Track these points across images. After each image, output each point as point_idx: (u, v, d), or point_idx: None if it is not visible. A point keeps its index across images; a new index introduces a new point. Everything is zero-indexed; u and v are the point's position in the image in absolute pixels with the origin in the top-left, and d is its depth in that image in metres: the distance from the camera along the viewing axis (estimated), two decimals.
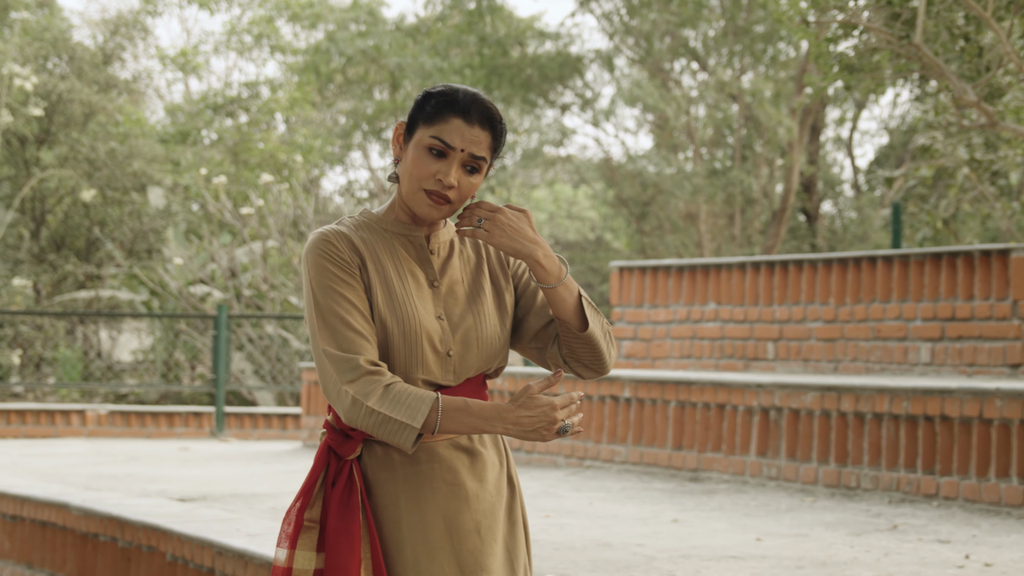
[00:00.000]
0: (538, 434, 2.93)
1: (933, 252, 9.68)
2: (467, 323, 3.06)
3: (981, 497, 7.52)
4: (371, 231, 3.08)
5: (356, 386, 2.91)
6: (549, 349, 3.15)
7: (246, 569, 5.83)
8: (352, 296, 2.98)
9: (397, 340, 2.99)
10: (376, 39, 26.92)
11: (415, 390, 2.93)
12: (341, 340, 2.95)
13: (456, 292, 3.09)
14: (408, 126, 3.06)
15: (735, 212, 26.05)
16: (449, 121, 2.99)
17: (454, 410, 2.93)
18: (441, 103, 3.01)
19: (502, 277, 3.17)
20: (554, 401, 2.92)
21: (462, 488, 3.02)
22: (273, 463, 10.85)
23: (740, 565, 5.93)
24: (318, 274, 2.99)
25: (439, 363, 3.02)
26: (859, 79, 10.28)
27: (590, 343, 3.09)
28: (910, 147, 25.90)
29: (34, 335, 18.42)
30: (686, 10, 24.80)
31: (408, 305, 3.02)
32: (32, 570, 8.11)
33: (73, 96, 22.14)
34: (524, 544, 3.14)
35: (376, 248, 3.05)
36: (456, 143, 2.99)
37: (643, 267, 11.67)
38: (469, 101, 3.01)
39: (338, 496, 2.98)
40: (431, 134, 2.99)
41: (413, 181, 3.02)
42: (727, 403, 8.94)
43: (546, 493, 8.47)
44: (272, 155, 26.24)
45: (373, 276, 3.02)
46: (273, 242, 18.68)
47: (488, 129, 3.02)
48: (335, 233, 3.04)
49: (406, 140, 3.06)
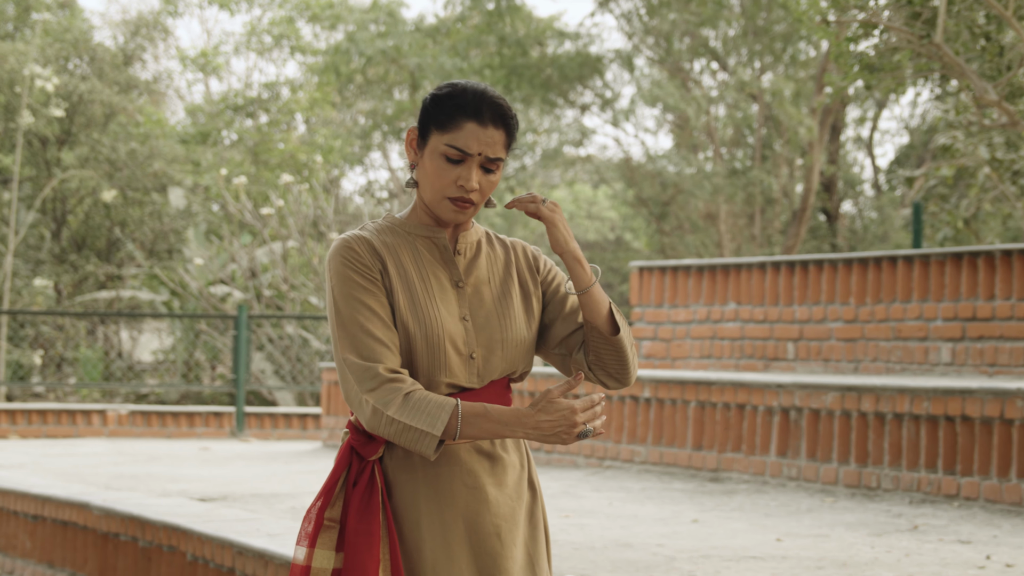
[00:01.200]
0: (558, 438, 2.93)
1: (954, 252, 9.65)
2: (492, 325, 3.06)
3: (1002, 497, 7.49)
4: (394, 234, 3.08)
5: (376, 395, 2.92)
6: (574, 356, 3.15)
7: (266, 569, 5.84)
8: (373, 303, 2.99)
9: (420, 344, 2.99)
10: (396, 39, 26.94)
11: (435, 397, 2.93)
12: (362, 348, 2.95)
13: (482, 293, 3.09)
14: (421, 131, 3.04)
15: (755, 212, 26.00)
16: (463, 127, 2.98)
17: (474, 416, 2.93)
18: (452, 108, 2.99)
19: (530, 280, 3.17)
20: (574, 405, 2.92)
21: (482, 491, 3.02)
22: (293, 463, 10.86)
23: (760, 565, 5.92)
24: (340, 282, 3.00)
25: (463, 365, 3.02)
26: (879, 78, 10.26)
27: (620, 349, 3.09)
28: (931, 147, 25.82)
29: (55, 335, 18.49)
30: (706, 10, 24.76)
31: (431, 308, 3.02)
32: (53, 569, 8.14)
33: (94, 97, 22.21)
34: (545, 548, 3.14)
35: (398, 251, 3.05)
36: (473, 148, 2.98)
37: (663, 267, 11.66)
38: (480, 102, 2.99)
39: (359, 496, 2.98)
40: (446, 142, 2.98)
41: (436, 191, 3.02)
42: (747, 403, 8.93)
43: (566, 493, 8.47)
44: (292, 155, 26.29)
45: (395, 280, 3.02)
46: (293, 242, 18.71)
47: (502, 127, 3.01)
48: (356, 239, 3.04)
49: (420, 146, 3.04)
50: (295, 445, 13.04)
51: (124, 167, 22.08)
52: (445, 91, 3.02)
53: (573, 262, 3.07)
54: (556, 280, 3.19)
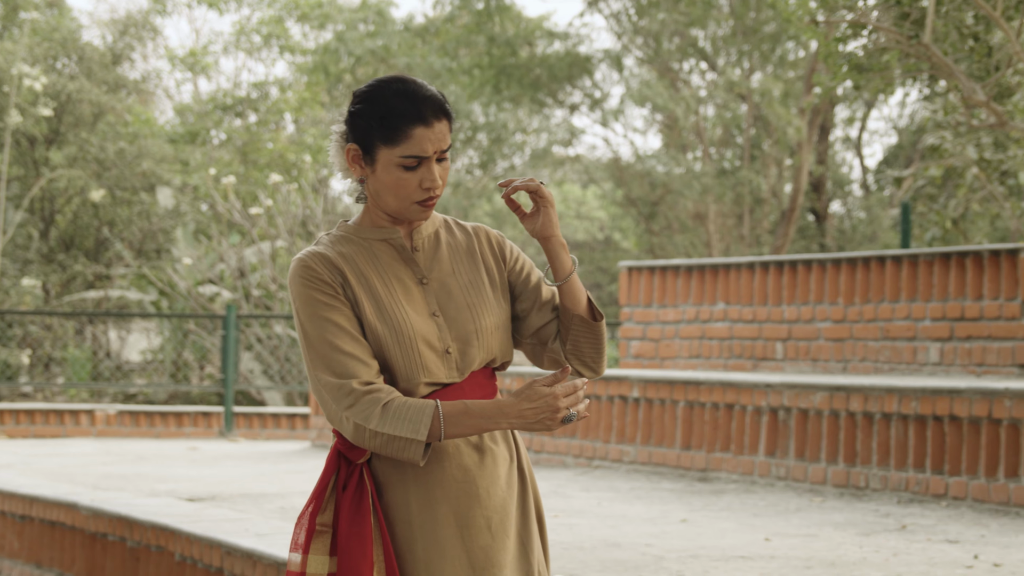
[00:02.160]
0: (543, 424, 2.93)
1: (942, 252, 9.67)
2: (463, 316, 3.05)
3: (990, 497, 7.50)
4: (350, 243, 3.07)
5: (354, 411, 2.92)
6: (550, 346, 3.15)
7: (255, 569, 5.84)
8: (339, 319, 2.98)
9: (393, 348, 2.99)
10: (385, 39, 26.94)
11: (413, 402, 2.93)
12: (334, 365, 2.95)
13: (448, 285, 3.08)
14: (364, 147, 3.01)
15: (744, 212, 26.02)
16: (412, 134, 2.96)
17: (455, 414, 2.93)
18: (396, 120, 2.96)
19: (495, 266, 3.16)
20: (555, 391, 2.92)
21: (473, 485, 3.03)
22: (282, 463, 10.85)
23: (749, 565, 5.92)
24: (303, 303, 3.00)
25: (439, 362, 3.02)
26: (868, 79, 10.27)
27: (599, 336, 3.12)
28: (919, 147, 25.87)
29: (43, 335, 18.46)
30: (695, 10, 24.78)
31: (398, 311, 3.01)
32: (41, 570, 8.13)
33: (82, 96, 22.17)
34: (538, 536, 3.14)
35: (356, 260, 3.04)
36: (428, 150, 2.98)
37: (652, 267, 11.67)
38: (419, 104, 2.97)
39: (349, 500, 2.98)
40: (400, 154, 2.97)
41: (402, 200, 3.01)
42: (736, 403, 8.94)
43: (555, 493, 8.47)
44: (281, 155, 26.27)
45: (357, 290, 3.01)
46: (282, 242, 18.69)
47: (444, 117, 3.00)
48: (312, 256, 3.03)
49: (367, 162, 3.02)
50: (284, 445, 13.03)
51: (112, 167, 22.05)
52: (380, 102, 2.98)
53: (559, 247, 3.08)
54: (525, 269, 3.18)
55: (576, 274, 3.10)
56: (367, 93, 3.00)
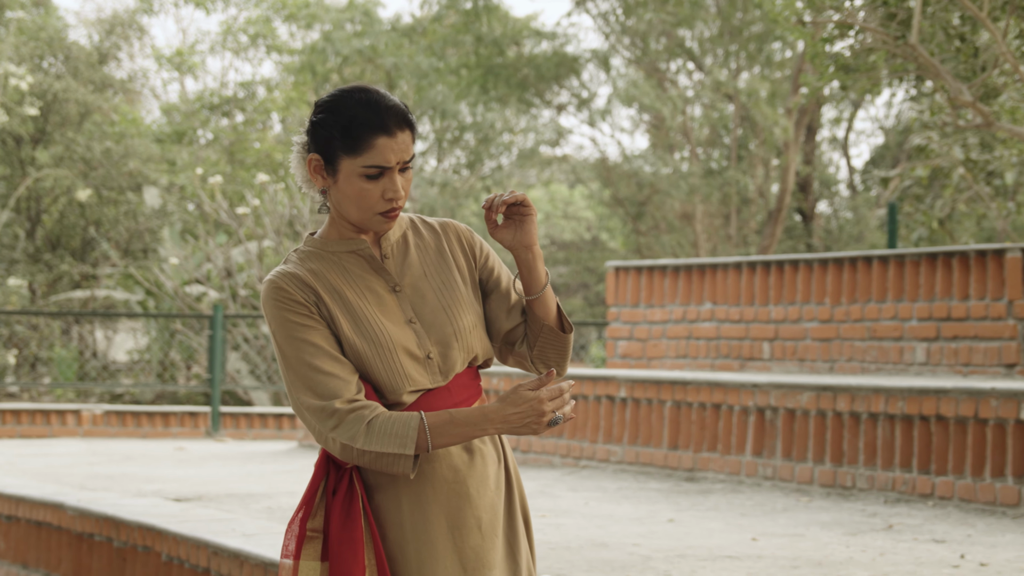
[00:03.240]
0: (529, 428, 2.93)
1: (929, 252, 9.68)
2: (440, 320, 3.04)
3: (976, 497, 7.52)
4: (319, 258, 3.05)
5: (339, 431, 2.92)
6: (516, 348, 3.15)
7: (241, 569, 5.83)
8: (316, 338, 2.97)
9: (374, 361, 2.98)
10: (372, 39, 26.92)
11: (397, 416, 2.92)
12: (315, 386, 2.94)
13: (422, 290, 3.07)
14: (326, 158, 2.98)
15: (731, 212, 26.05)
16: (375, 144, 2.93)
17: (441, 425, 2.93)
18: (359, 130, 2.94)
19: (466, 263, 3.14)
20: (540, 394, 2.92)
21: (463, 485, 3.03)
22: (269, 463, 10.84)
23: (736, 565, 5.93)
24: (279, 326, 2.99)
25: (422, 369, 3.01)
26: (855, 79, 10.29)
27: (567, 345, 3.13)
28: (906, 147, 25.92)
29: (29, 335, 18.41)
30: (682, 10, 24.80)
31: (375, 323, 2.99)
32: (27, 570, 8.11)
33: (69, 96, 22.12)
34: (525, 534, 3.15)
35: (327, 276, 3.02)
36: (391, 160, 2.95)
37: (639, 267, 11.67)
38: (382, 114, 2.94)
39: (339, 505, 2.98)
40: (363, 164, 2.94)
41: (364, 211, 2.98)
42: (723, 403, 8.94)
43: (542, 493, 8.47)
44: (268, 155, 26.24)
45: (332, 307, 2.99)
46: (269, 242, 18.67)
47: (407, 127, 2.97)
48: (283, 277, 3.00)
49: (329, 172, 2.99)
50: (271, 445, 13.01)
51: (99, 166, 22.01)
52: (343, 112, 2.95)
53: (536, 258, 3.07)
54: (496, 269, 3.17)
55: (549, 285, 3.10)
56: (329, 103, 2.97)
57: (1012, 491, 7.36)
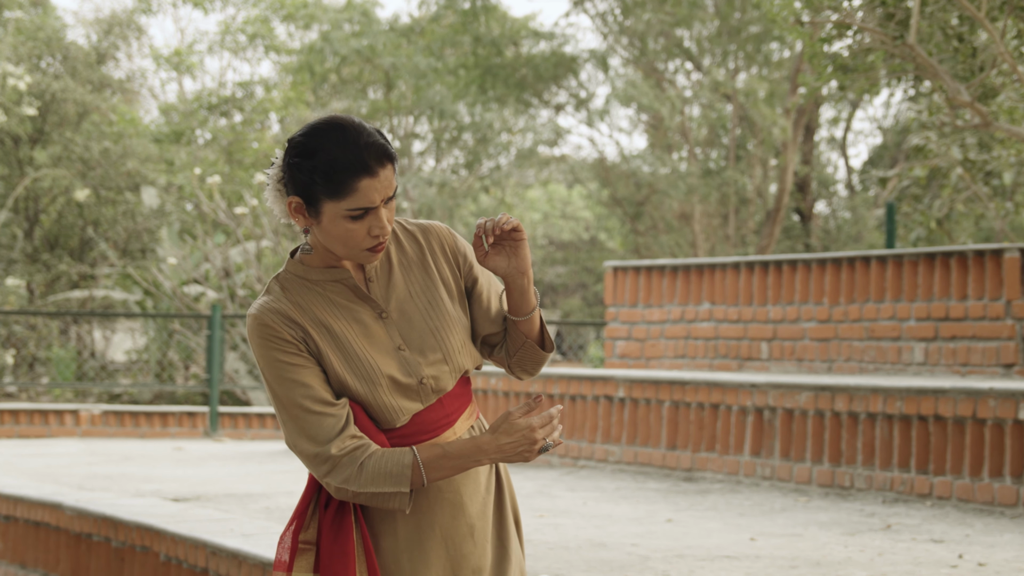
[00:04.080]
0: (521, 456, 2.94)
1: (927, 252, 9.69)
2: (428, 343, 3.01)
3: (975, 497, 7.52)
4: (302, 290, 2.99)
5: (333, 476, 2.91)
6: (496, 353, 3.15)
7: (240, 569, 5.83)
8: (306, 377, 2.94)
9: (366, 398, 2.96)
10: (370, 39, 26.91)
11: (390, 455, 2.91)
12: (308, 428, 2.92)
13: (408, 312, 3.03)
14: (307, 200, 2.90)
15: (729, 212, 26.05)
16: (358, 188, 2.86)
17: (434, 459, 2.93)
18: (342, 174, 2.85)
19: (450, 272, 3.11)
20: (532, 423, 2.92)
21: (456, 494, 3.03)
22: (267, 463, 10.84)
23: (734, 565, 5.93)
24: (267, 365, 2.95)
25: (414, 395, 2.99)
26: (853, 79, 10.29)
27: (543, 359, 3.14)
28: (904, 147, 25.92)
29: (28, 335, 18.41)
30: (680, 10, 24.80)
31: (364, 357, 2.97)
32: (25, 570, 8.11)
33: (67, 95, 22.12)
34: (517, 539, 3.15)
35: (313, 310, 2.97)
36: (375, 201, 2.89)
37: (637, 267, 11.67)
38: (363, 154, 2.86)
39: (330, 518, 2.98)
40: (347, 207, 2.87)
41: (351, 248, 2.93)
42: (721, 403, 8.94)
43: (540, 493, 8.47)
44: (266, 155, 26.23)
45: (320, 343, 2.96)
46: (267, 242, 18.67)
47: (388, 162, 2.90)
48: (268, 313, 2.95)
49: (311, 213, 2.92)
50: (269, 445, 13.01)
51: (97, 166, 22.00)
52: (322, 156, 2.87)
53: (530, 283, 3.05)
54: (479, 276, 3.13)
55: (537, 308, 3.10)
56: (304, 144, 2.88)
57: (1010, 491, 7.36)
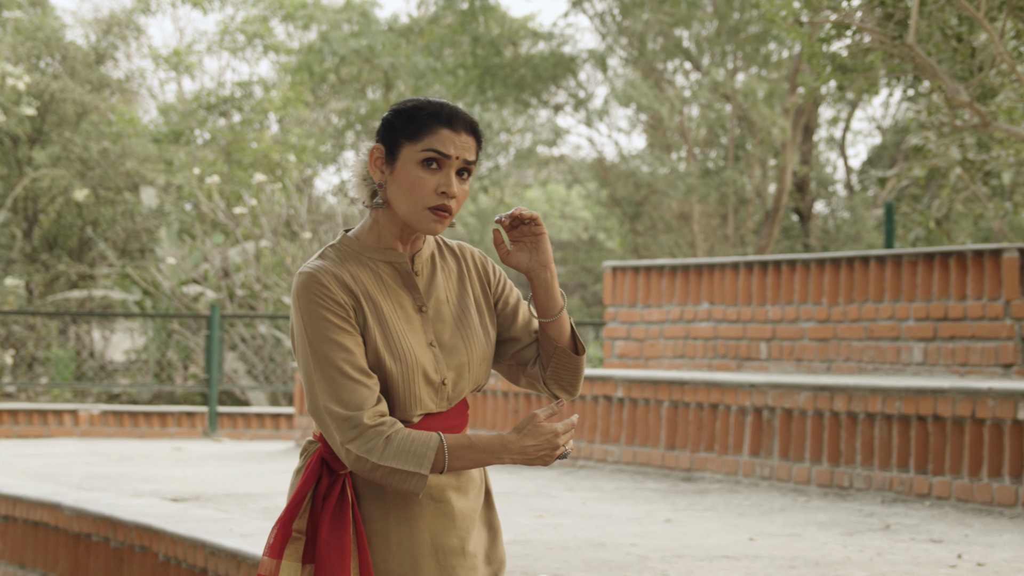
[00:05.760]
0: (541, 460, 2.95)
1: (926, 252, 9.69)
2: (458, 348, 3.03)
3: (973, 497, 7.52)
4: (357, 262, 3.01)
5: (357, 444, 2.88)
6: (529, 369, 3.14)
7: (239, 569, 5.83)
8: (350, 343, 2.93)
9: (396, 379, 2.96)
10: (369, 39, 26.91)
11: (417, 436, 2.90)
12: (341, 393, 2.90)
13: (443, 313, 3.05)
14: (388, 148, 2.98)
15: (728, 212, 26.06)
16: (437, 132, 2.94)
17: (459, 448, 2.92)
18: (425, 117, 2.96)
19: (483, 293, 3.13)
20: (556, 428, 2.94)
21: (448, 505, 3.03)
22: (266, 463, 10.84)
23: (733, 565, 5.93)
24: (312, 321, 2.93)
25: (434, 394, 3.00)
26: (852, 79, 10.29)
27: (579, 367, 3.12)
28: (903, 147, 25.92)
29: (26, 335, 18.40)
30: (679, 10, 24.80)
31: (404, 341, 2.97)
32: (24, 570, 8.10)
33: (66, 95, 22.11)
34: (499, 544, 3.16)
35: (365, 283, 2.99)
36: (451, 151, 2.95)
37: (636, 267, 11.68)
38: (451, 111, 2.97)
39: (330, 510, 2.97)
40: (422, 148, 2.94)
41: (415, 201, 2.96)
42: (720, 403, 8.95)
43: (539, 493, 8.47)
44: (265, 155, 26.23)
45: (368, 316, 2.96)
46: (266, 242, 18.67)
47: (472, 135, 2.98)
48: (325, 273, 2.96)
49: (388, 163, 2.98)
50: (268, 445, 13.01)
51: (96, 166, 21.99)
52: (411, 105, 2.99)
53: (553, 278, 3.06)
54: (511, 294, 3.16)
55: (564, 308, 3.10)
56: (405, 102, 3.01)
57: (1009, 491, 7.36)
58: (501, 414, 10.21)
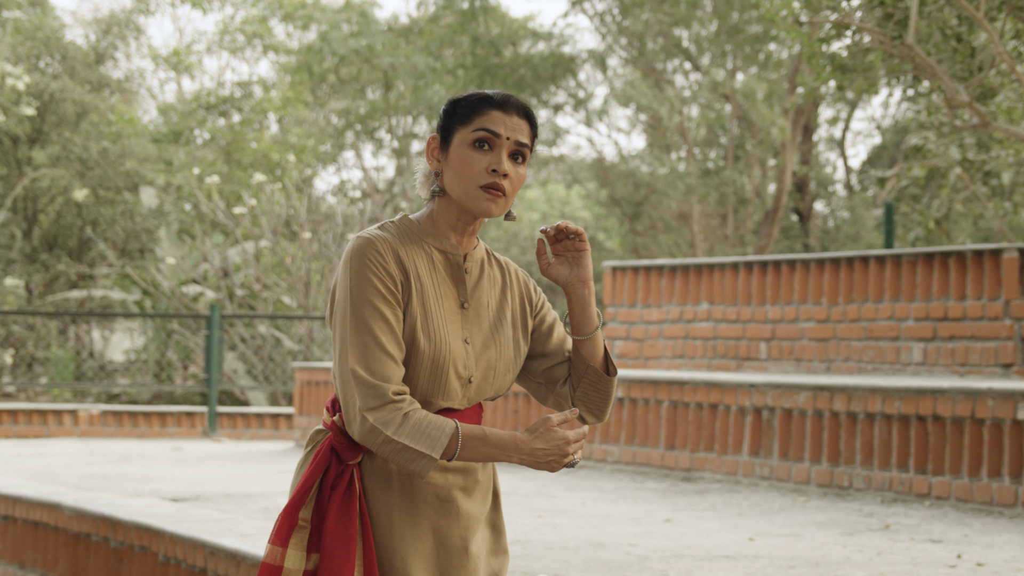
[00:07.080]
0: (549, 466, 2.96)
1: (925, 252, 9.69)
2: (489, 350, 3.05)
3: (973, 497, 7.52)
4: (413, 242, 3.03)
5: (376, 414, 2.88)
6: (558, 389, 3.15)
7: (238, 569, 5.83)
8: (390, 314, 2.94)
9: (426, 364, 2.96)
10: (369, 39, 26.91)
11: (434, 419, 2.91)
12: (372, 361, 2.91)
13: (481, 315, 3.07)
14: (443, 136, 3.03)
15: (728, 212, 26.06)
16: (488, 113, 2.98)
17: (473, 439, 2.92)
18: (477, 100, 3.00)
19: (522, 310, 3.16)
20: (568, 435, 2.94)
21: (453, 504, 3.04)
22: (266, 463, 10.84)
23: (733, 565, 5.93)
24: (360, 283, 2.94)
25: (460, 389, 3.01)
26: (851, 79, 10.29)
27: (610, 389, 3.13)
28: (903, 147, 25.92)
29: (26, 335, 18.40)
30: (679, 10, 24.80)
31: (441, 328, 2.99)
32: (24, 570, 8.10)
33: (65, 95, 22.11)
34: (503, 547, 3.16)
35: (417, 264, 3.01)
36: (501, 131, 2.97)
37: (636, 267, 11.68)
38: (503, 96, 3.01)
39: (338, 500, 2.97)
40: (472, 129, 2.97)
41: (467, 180, 2.98)
42: (720, 403, 8.94)
43: (539, 493, 8.47)
44: (265, 155, 26.23)
45: (414, 295, 2.98)
46: (266, 242, 18.67)
47: (525, 119, 3.01)
48: (384, 242, 2.98)
49: (443, 150, 3.02)
50: (267, 445, 13.01)
51: (96, 166, 21.99)
52: (465, 93, 3.04)
53: (591, 295, 3.08)
54: (548, 315, 3.18)
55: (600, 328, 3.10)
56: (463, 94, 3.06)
57: (1009, 491, 7.36)
58: (501, 414, 10.21)
